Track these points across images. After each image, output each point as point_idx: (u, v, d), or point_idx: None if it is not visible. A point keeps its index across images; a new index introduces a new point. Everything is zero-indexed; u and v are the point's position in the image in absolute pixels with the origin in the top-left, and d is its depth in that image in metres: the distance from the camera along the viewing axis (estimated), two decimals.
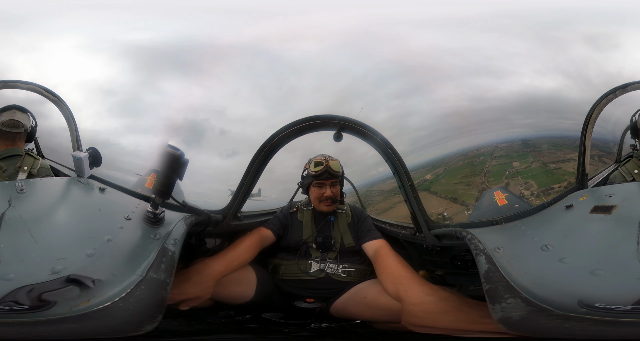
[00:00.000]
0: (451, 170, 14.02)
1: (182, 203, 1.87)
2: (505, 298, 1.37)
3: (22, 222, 1.48)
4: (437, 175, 14.16)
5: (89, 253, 1.36)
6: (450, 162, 14.09)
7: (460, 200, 10.45)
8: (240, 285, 2.19)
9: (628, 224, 1.55)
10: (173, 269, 1.41)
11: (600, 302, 1.24)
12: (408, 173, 2.31)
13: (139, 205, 1.82)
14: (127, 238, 1.55)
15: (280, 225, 2.47)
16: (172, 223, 1.70)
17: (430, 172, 14.61)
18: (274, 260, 2.44)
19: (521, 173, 11.85)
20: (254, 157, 2.21)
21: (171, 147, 1.58)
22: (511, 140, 8.62)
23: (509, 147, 8.88)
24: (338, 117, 2.15)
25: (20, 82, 2.34)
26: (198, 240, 2.38)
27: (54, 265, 1.27)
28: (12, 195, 1.64)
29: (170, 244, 1.52)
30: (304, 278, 2.30)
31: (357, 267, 2.33)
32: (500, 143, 8.46)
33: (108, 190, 1.94)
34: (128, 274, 1.30)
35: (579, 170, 2.09)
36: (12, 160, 2.13)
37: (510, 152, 10.77)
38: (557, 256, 1.55)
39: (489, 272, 1.52)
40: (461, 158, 14.23)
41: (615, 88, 2.14)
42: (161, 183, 1.61)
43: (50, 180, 1.99)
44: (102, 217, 1.71)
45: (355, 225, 2.44)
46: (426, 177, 14.76)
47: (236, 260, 2.12)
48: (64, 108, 2.29)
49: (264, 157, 2.21)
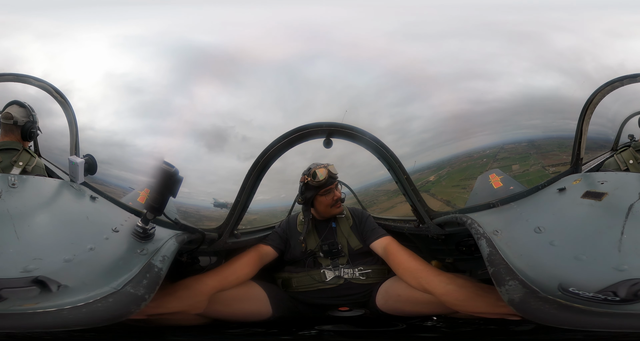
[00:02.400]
0: (454, 172, 13.88)
1: (175, 220, 1.84)
2: (507, 280, 1.39)
3: (9, 216, 1.49)
4: (440, 177, 14.04)
5: (67, 258, 1.35)
6: (455, 164, 13.95)
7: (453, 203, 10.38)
8: (249, 301, 2.15)
9: (616, 213, 1.58)
10: (156, 286, 1.38)
11: (573, 287, 1.27)
12: (402, 167, 2.32)
13: (129, 219, 1.80)
14: (111, 249, 1.52)
15: (281, 241, 2.44)
16: (162, 240, 1.67)
17: (434, 174, 14.46)
18: (282, 274, 2.40)
19: (518, 177, 11.74)
20: (248, 173, 2.23)
21: (166, 164, 1.55)
22: (518, 141, 8.55)
23: (514, 148, 8.80)
24: (325, 124, 2.16)
25: (32, 77, 2.38)
26: (191, 258, 2.33)
27: (28, 263, 1.28)
28: (3, 188, 1.66)
29: (157, 260, 1.49)
30: (322, 287, 2.27)
31: (373, 268, 2.31)
32: (507, 144, 8.41)
33: (99, 200, 1.91)
34: (101, 285, 1.28)
35: (573, 153, 2.10)
36: (9, 154, 2.16)
37: (514, 153, 10.68)
38: (548, 239, 1.58)
39: (491, 255, 1.54)
40: (465, 160, 14.08)
41: (624, 77, 2.12)
42: (154, 199, 1.57)
43: (43, 180, 1.99)
44: (88, 224, 1.68)
45: (358, 226, 2.44)
46: (429, 178, 14.61)
47: (232, 276, 2.08)
48: (69, 111, 2.30)
49: (258, 172, 2.21)
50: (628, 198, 1.64)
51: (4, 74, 2.35)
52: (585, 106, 2.12)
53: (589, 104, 2.12)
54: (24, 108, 2.29)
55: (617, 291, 1.23)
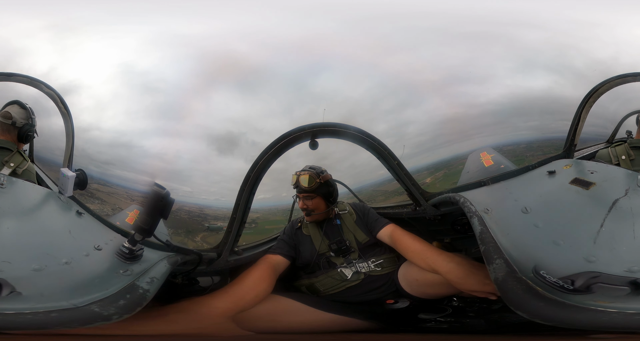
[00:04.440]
0: (451, 174, 13.92)
1: (166, 242, 1.78)
2: (495, 259, 1.41)
3: None
4: (437, 179, 14.03)
5: (37, 267, 1.30)
6: (452, 165, 13.97)
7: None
8: (293, 314, 2.10)
9: (599, 205, 1.60)
10: (137, 307, 1.32)
11: (544, 270, 1.28)
12: (392, 153, 2.32)
13: (115, 239, 1.74)
14: (89, 266, 1.46)
15: (289, 247, 2.39)
16: (150, 262, 1.62)
17: (431, 175, 14.48)
18: (303, 281, 2.36)
19: None
20: (241, 189, 2.22)
21: (157, 186, 1.52)
22: (516, 142, 8.57)
23: (512, 150, 8.80)
24: (307, 126, 2.15)
25: (44, 84, 2.33)
26: (187, 279, 2.23)
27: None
28: None
29: (143, 282, 1.43)
30: (348, 285, 2.26)
31: (384, 257, 2.32)
32: (505, 146, 8.40)
33: (85, 216, 1.85)
34: (59, 299, 1.21)
35: (568, 138, 2.11)
36: (1, 153, 2.13)
37: (512, 155, 10.70)
38: (533, 220, 1.61)
39: (482, 234, 1.56)
40: (463, 162, 14.03)
41: (638, 73, 2.11)
42: (143, 221, 1.52)
43: (31, 186, 1.95)
44: (69, 238, 1.60)
45: (362, 220, 2.44)
46: (426, 180, 14.62)
47: (249, 294, 1.95)
48: (69, 123, 2.25)
49: (250, 187, 2.22)
50: (614, 192, 1.65)
51: (19, 75, 2.32)
52: (589, 93, 2.11)
53: (593, 92, 2.10)
54: (24, 109, 2.26)
55: (576, 280, 1.24)
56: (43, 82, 2.26)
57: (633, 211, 1.51)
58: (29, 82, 2.29)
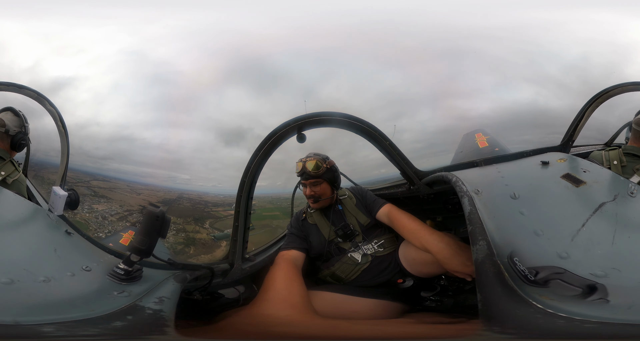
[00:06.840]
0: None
1: (168, 260, 1.70)
2: (479, 240, 1.42)
3: None
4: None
5: (5, 281, 1.19)
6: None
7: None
8: (345, 306, 2.08)
9: (586, 204, 1.61)
10: (152, 327, 1.25)
11: (518, 258, 1.29)
12: (383, 134, 2.30)
13: (105, 259, 1.67)
14: (71, 286, 1.36)
15: (301, 240, 2.41)
16: (153, 282, 1.56)
17: None
18: (324, 272, 2.36)
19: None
20: (238, 195, 2.20)
21: (152, 205, 1.49)
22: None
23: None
24: (291, 121, 2.13)
25: (48, 101, 2.22)
26: (208, 294, 2.10)
27: None
28: None
29: (150, 302, 1.37)
30: (362, 269, 2.28)
31: (385, 238, 2.37)
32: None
33: (75, 236, 1.76)
34: (6, 315, 1.07)
35: (567, 132, 2.10)
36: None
37: None
38: (519, 207, 1.63)
39: (471, 214, 1.57)
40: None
41: None
42: (140, 242, 1.47)
43: (21, 200, 1.90)
44: (53, 257, 1.50)
45: (361, 202, 2.48)
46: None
47: (294, 297, 1.80)
48: (64, 143, 2.16)
49: (247, 192, 2.21)
50: (603, 195, 1.66)
51: (29, 88, 2.19)
52: (599, 94, 2.09)
53: (604, 93, 2.07)
54: (17, 117, 2.19)
55: (540, 272, 1.23)
56: (48, 99, 2.18)
57: (618, 218, 1.51)
58: (36, 97, 2.19)
